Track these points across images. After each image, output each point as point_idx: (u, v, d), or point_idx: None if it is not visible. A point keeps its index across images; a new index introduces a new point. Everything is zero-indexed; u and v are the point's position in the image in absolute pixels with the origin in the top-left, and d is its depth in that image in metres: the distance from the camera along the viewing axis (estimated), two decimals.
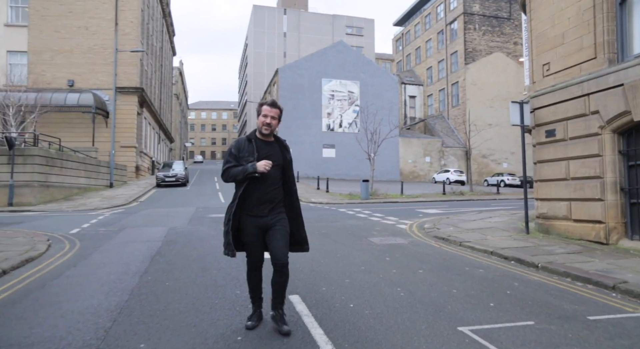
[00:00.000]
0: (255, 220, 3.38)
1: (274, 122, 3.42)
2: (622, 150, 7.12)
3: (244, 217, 3.40)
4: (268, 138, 3.49)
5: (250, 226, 3.38)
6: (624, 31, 7.16)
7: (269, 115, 3.39)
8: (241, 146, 3.44)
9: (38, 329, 3.57)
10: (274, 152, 3.46)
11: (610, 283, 4.88)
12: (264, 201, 3.37)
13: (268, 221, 3.39)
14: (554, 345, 3.26)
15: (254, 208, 3.37)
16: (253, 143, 3.42)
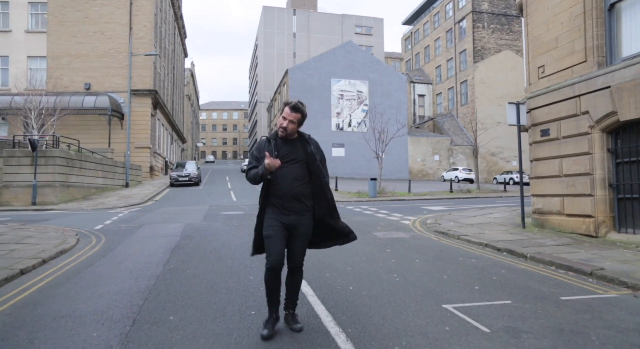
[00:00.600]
0: (280, 216, 3.31)
1: (292, 126, 3.34)
2: (610, 148, 7.54)
3: (268, 210, 3.37)
4: (289, 137, 3.42)
5: (274, 220, 3.31)
6: (612, 36, 7.57)
7: (288, 118, 3.32)
8: (261, 146, 3.40)
9: (82, 305, 4.19)
10: (295, 149, 3.38)
11: (588, 269, 5.35)
12: (289, 198, 3.29)
13: (293, 221, 3.32)
14: (523, 318, 3.77)
15: (281, 204, 3.31)
16: (272, 143, 3.37)
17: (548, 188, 8.69)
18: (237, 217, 12.12)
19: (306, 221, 3.36)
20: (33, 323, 3.70)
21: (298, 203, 3.31)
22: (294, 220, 3.30)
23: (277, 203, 3.32)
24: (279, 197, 3.31)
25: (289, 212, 3.30)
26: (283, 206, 3.30)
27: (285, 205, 3.30)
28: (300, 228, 3.33)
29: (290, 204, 3.29)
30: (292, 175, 3.29)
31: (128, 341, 3.28)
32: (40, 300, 4.40)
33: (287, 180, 3.28)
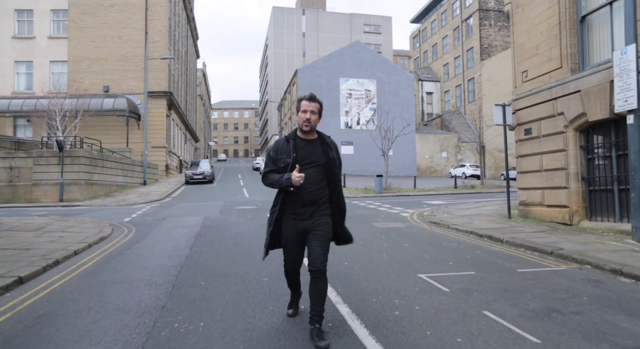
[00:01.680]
0: (296, 223, 3.22)
1: (314, 117, 3.22)
2: (582, 145, 8.42)
3: (285, 220, 3.28)
4: (310, 136, 3.29)
5: (290, 230, 3.25)
6: (584, 45, 8.44)
7: (309, 109, 3.20)
8: (279, 147, 3.28)
9: (131, 274, 5.29)
10: (315, 151, 3.24)
11: (549, 249, 6.30)
12: (306, 202, 3.19)
13: (309, 225, 3.21)
14: (479, 283, 4.75)
15: (296, 210, 3.22)
16: (291, 144, 3.24)
17: (531, 181, 9.60)
18: (250, 211, 13.20)
19: (323, 222, 3.23)
20: (98, 286, 4.80)
21: (312, 207, 3.20)
22: (308, 224, 3.21)
23: (292, 208, 3.23)
24: (293, 203, 3.21)
25: (303, 217, 3.21)
26: (298, 212, 3.21)
27: (299, 210, 3.20)
28: (316, 229, 3.19)
29: (304, 209, 3.20)
30: (310, 179, 3.15)
31: (172, 297, 4.34)
32: (97, 272, 5.51)
33: (304, 185, 3.14)
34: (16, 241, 7.13)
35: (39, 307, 4.09)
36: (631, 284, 4.73)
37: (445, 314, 3.71)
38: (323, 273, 3.11)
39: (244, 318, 3.67)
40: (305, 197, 3.17)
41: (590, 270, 5.39)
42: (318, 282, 3.12)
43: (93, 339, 3.26)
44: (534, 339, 3.18)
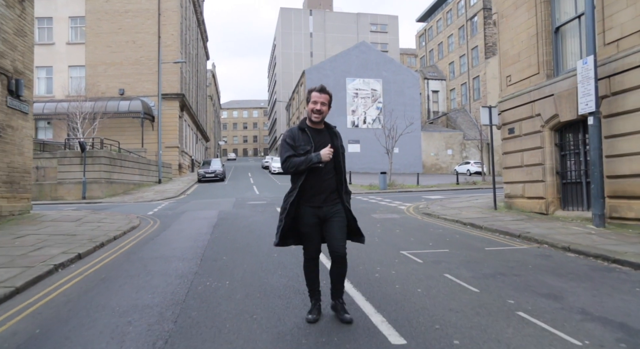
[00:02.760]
0: (313, 210, 3.31)
1: (324, 108, 3.31)
2: (557, 143, 9.41)
3: (302, 208, 3.33)
4: (318, 126, 3.39)
5: (309, 217, 3.32)
6: (558, 53, 9.42)
7: (319, 101, 3.29)
8: (295, 135, 3.35)
9: (165, 252, 6.45)
10: (325, 141, 3.36)
11: (517, 233, 7.34)
12: (320, 190, 3.30)
13: (326, 212, 3.32)
14: (449, 257, 5.82)
15: (312, 197, 3.30)
16: (307, 132, 3.34)
17: (514, 176, 10.61)
18: (260, 205, 14.36)
19: (339, 209, 3.35)
20: (141, 260, 5.97)
21: (325, 195, 3.32)
22: (326, 210, 3.32)
23: (310, 198, 3.32)
24: (309, 190, 3.30)
25: (319, 204, 3.32)
26: (315, 201, 3.31)
27: (314, 198, 3.31)
28: (333, 215, 3.32)
29: (319, 197, 3.31)
30: (324, 168, 3.28)
31: (201, 267, 5.48)
32: (136, 251, 6.69)
33: (319, 173, 3.27)
34: (62, 229, 8.34)
35: (100, 273, 5.26)
36: (574, 257, 5.77)
37: (414, 276, 4.81)
38: (344, 257, 3.30)
39: (259, 279, 4.80)
40: (323, 184, 3.29)
41: (546, 248, 6.44)
42: (339, 266, 3.33)
43: (148, 291, 4.41)
44: (475, 289, 4.25)
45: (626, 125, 7.34)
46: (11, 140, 9.20)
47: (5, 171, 9.01)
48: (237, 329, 3.30)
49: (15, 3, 9.27)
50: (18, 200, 9.57)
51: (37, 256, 5.80)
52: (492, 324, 3.30)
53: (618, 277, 4.74)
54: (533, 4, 9.72)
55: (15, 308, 3.94)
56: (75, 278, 5.02)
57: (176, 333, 3.24)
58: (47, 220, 9.58)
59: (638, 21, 7.11)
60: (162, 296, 4.20)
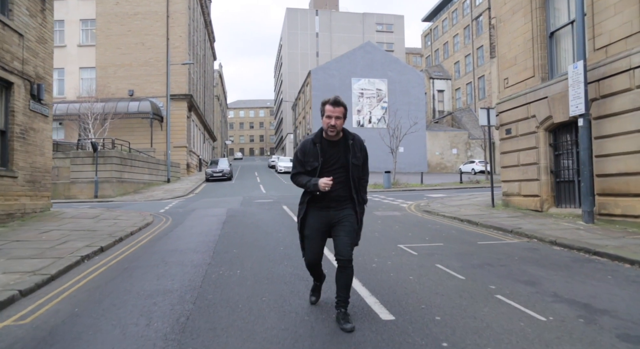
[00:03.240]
0: (321, 213, 3.35)
1: (339, 122, 3.25)
2: (551, 143, 9.81)
3: (310, 209, 3.38)
4: (334, 138, 3.33)
5: (316, 219, 3.35)
6: (552, 57, 9.82)
7: (333, 115, 3.23)
8: (306, 149, 3.35)
9: (179, 246, 6.97)
10: (339, 153, 3.32)
11: (509, 228, 7.77)
12: (330, 199, 3.32)
13: (334, 215, 3.33)
14: (442, 250, 6.28)
15: (324, 203, 3.34)
16: (317, 147, 3.31)
17: (511, 175, 11.02)
18: (267, 203, 14.87)
19: (348, 213, 3.34)
20: (158, 253, 6.49)
21: (337, 203, 3.34)
22: (333, 213, 3.33)
23: (319, 203, 3.35)
24: (319, 200, 3.33)
25: (328, 208, 3.34)
26: (324, 205, 3.34)
27: (325, 205, 3.34)
28: (342, 220, 3.31)
29: (330, 204, 3.34)
30: (336, 180, 3.25)
31: (214, 258, 5.98)
32: (153, 245, 7.21)
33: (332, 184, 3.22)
34: (82, 225, 8.90)
35: (123, 264, 5.78)
36: (558, 250, 6.20)
37: (407, 266, 5.27)
38: (350, 262, 3.24)
39: (267, 268, 5.29)
40: (331, 195, 3.28)
41: (535, 242, 6.87)
42: (345, 271, 3.25)
43: (168, 278, 4.92)
44: (461, 277, 4.71)
45: (613, 126, 7.74)
46: (33, 141, 9.78)
47: (29, 171, 9.59)
48: (249, 308, 3.79)
49: (37, 12, 9.84)
50: (39, 198, 10.15)
51: (64, 249, 6.34)
52: (472, 305, 3.76)
53: (594, 267, 5.17)
54: (529, 10, 10.12)
55: (53, 292, 4.46)
56: (101, 268, 5.54)
57: (196, 312, 3.73)
58: (66, 217, 10.16)
59: (625, 28, 7.50)
60: (180, 283, 4.71)
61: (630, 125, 7.39)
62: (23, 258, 5.63)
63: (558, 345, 2.90)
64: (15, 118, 9.03)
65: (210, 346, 2.99)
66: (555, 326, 3.24)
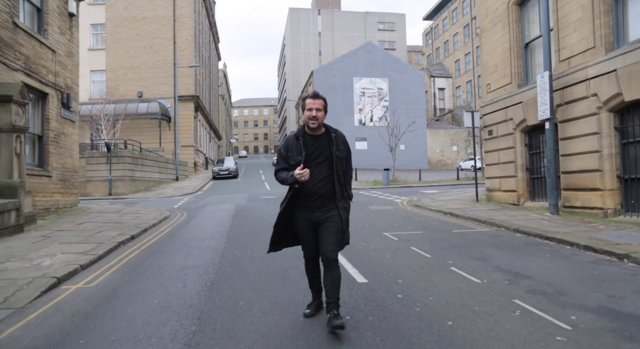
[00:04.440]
0: (306, 213, 3.35)
1: (320, 113, 3.29)
2: (526, 143, 10.90)
3: (296, 210, 3.40)
4: (317, 132, 3.36)
5: (302, 220, 3.37)
6: (527, 66, 10.89)
7: (314, 107, 3.27)
8: (289, 144, 3.38)
9: (197, 235, 8.16)
10: (322, 147, 3.34)
11: (484, 219, 8.90)
12: (317, 196, 3.30)
13: (319, 217, 3.32)
14: (419, 237, 7.42)
15: (305, 201, 3.33)
16: (300, 141, 3.34)
17: (493, 172, 12.12)
18: (272, 200, 16.04)
19: (333, 214, 3.34)
20: (179, 240, 7.67)
21: (322, 200, 3.33)
22: (318, 215, 3.33)
23: (304, 202, 3.35)
24: (305, 196, 3.32)
25: (313, 209, 3.33)
26: (308, 206, 3.33)
27: (310, 204, 3.33)
28: (326, 221, 3.32)
29: (315, 202, 3.32)
30: (320, 175, 3.29)
31: (228, 243, 7.15)
32: (174, 234, 8.41)
33: (315, 180, 3.27)
34: (109, 218, 10.11)
35: (152, 248, 6.98)
36: (519, 236, 7.33)
37: (386, 248, 6.43)
38: (335, 262, 3.27)
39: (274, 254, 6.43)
40: (316, 191, 3.29)
41: (502, 230, 8.00)
42: (331, 271, 3.26)
43: (192, 258, 6.10)
44: (428, 256, 5.86)
45: (574, 129, 8.83)
46: (64, 144, 11.00)
47: (60, 171, 10.81)
48: (258, 277, 4.96)
49: (66, 30, 11.04)
50: (69, 195, 11.38)
51: (102, 236, 7.54)
52: (429, 273, 4.91)
53: (541, 248, 6.30)
54: (507, 23, 11.20)
55: (104, 267, 5.65)
56: (135, 251, 6.73)
57: (218, 279, 4.90)
58: (93, 211, 11.38)
59: (583, 43, 8.58)
60: (203, 261, 5.89)
61: (587, 128, 8.48)
62: (72, 243, 6.84)
63: (481, 295, 4.04)
64: (49, 125, 10.24)
65: (231, 298, 4.16)
66: (485, 285, 4.39)
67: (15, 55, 8.80)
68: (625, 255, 5.36)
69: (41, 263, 5.50)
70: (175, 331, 3.32)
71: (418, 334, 3.14)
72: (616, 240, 6.25)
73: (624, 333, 3.09)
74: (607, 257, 5.56)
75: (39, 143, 10.08)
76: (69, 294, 4.45)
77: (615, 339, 2.98)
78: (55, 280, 4.74)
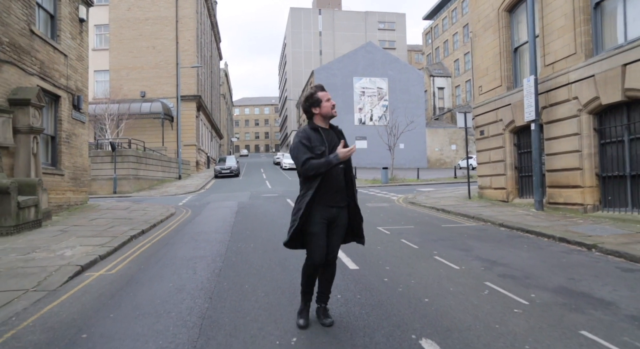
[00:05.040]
0: (326, 209, 3.20)
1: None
2: (515, 143, 11.44)
3: (315, 207, 3.19)
4: (327, 126, 3.35)
5: (319, 217, 3.20)
6: (516, 69, 11.43)
7: (329, 97, 3.31)
8: (310, 136, 3.25)
9: (203, 229, 8.72)
10: (335, 139, 3.32)
11: (472, 215, 9.44)
12: (337, 189, 3.23)
13: (334, 214, 3.25)
14: (410, 231, 7.97)
15: (326, 197, 3.19)
16: (320, 133, 3.26)
17: (484, 170, 12.66)
18: (273, 198, 16.61)
19: (344, 214, 3.32)
20: (187, 234, 8.24)
21: (340, 196, 3.26)
22: (335, 213, 3.25)
23: (324, 197, 3.20)
24: (326, 191, 3.19)
25: (332, 206, 3.22)
26: (328, 201, 3.20)
27: (330, 199, 3.21)
28: (339, 220, 3.29)
29: (335, 197, 3.23)
30: (338, 168, 3.23)
31: (232, 237, 7.70)
32: (181, 229, 8.97)
33: (335, 172, 3.21)
34: (119, 215, 10.68)
35: (163, 241, 7.54)
36: (503, 230, 7.88)
37: (379, 240, 6.98)
38: (335, 261, 3.39)
39: (273, 243, 7.01)
40: (337, 184, 3.21)
41: (488, 225, 8.55)
42: (331, 269, 3.38)
43: (200, 249, 6.65)
44: (416, 247, 6.41)
45: (558, 130, 9.37)
46: (75, 144, 11.56)
47: (72, 169, 11.38)
48: (261, 265, 5.52)
49: (77, 35, 11.59)
50: (80, 192, 11.95)
51: (114, 231, 8.10)
52: (414, 262, 5.47)
53: (521, 241, 6.85)
54: (497, 28, 11.73)
55: (120, 257, 6.21)
56: (147, 244, 7.30)
57: (225, 267, 5.46)
58: (102, 208, 11.95)
59: (565, 50, 9.11)
60: (210, 251, 6.45)
61: (568, 129, 9.01)
62: (88, 237, 7.40)
63: (457, 279, 4.60)
64: (62, 126, 10.80)
65: (237, 282, 4.71)
66: (462, 271, 4.94)
67: (32, 60, 9.35)
68: (593, 245, 5.91)
69: (64, 253, 6.07)
70: (191, 308, 3.88)
71: (398, 309, 3.70)
72: (589, 232, 6.80)
73: (571, 307, 3.64)
74: (578, 247, 6.12)
75: (52, 143, 10.64)
76: (93, 279, 5.01)
77: (562, 311, 3.54)
78: (79, 267, 5.30)
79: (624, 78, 7.57)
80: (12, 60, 8.55)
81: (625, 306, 3.63)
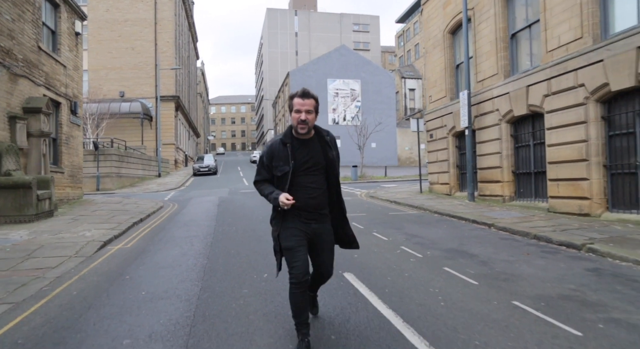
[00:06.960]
0: (301, 224, 2.89)
1: (310, 116, 2.83)
2: (457, 145, 13.53)
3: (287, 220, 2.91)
4: (307, 136, 2.91)
5: (293, 229, 2.88)
6: (458, 82, 13.50)
7: (303, 109, 2.81)
8: (274, 152, 2.91)
9: (191, 218, 10.38)
10: (314, 152, 2.91)
11: (416, 205, 11.44)
12: (312, 209, 2.90)
13: (316, 229, 2.93)
14: (361, 217, 9.86)
15: (303, 218, 2.89)
16: (288, 148, 2.87)
17: (433, 168, 14.73)
18: (250, 193, 18.28)
19: (327, 229, 3.04)
20: (179, 222, 9.89)
21: (319, 212, 2.95)
22: (316, 228, 2.93)
23: (297, 217, 2.89)
24: (297, 209, 2.86)
25: (309, 220, 2.91)
26: (304, 214, 2.90)
27: (307, 216, 2.91)
28: (324, 236, 3.00)
29: (312, 215, 2.92)
30: (313, 185, 2.89)
31: (217, 223, 9.39)
32: (173, 218, 10.61)
33: (307, 191, 2.87)
34: (115, 208, 12.19)
35: (160, 227, 9.19)
36: (435, 216, 9.87)
37: None
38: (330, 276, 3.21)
39: (251, 228, 8.76)
40: (312, 203, 2.89)
41: (426, 213, 10.53)
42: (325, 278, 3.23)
43: (193, 231, 8.34)
44: (361, 227, 8.30)
45: (485, 135, 11.45)
46: (72, 145, 12.98)
47: (70, 168, 12.80)
48: (241, 240, 7.28)
49: (74, 47, 13.01)
50: (76, 188, 13.37)
51: (117, 219, 9.69)
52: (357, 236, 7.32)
53: (444, 223, 8.83)
54: (443, 47, 13.77)
55: (129, 237, 7.85)
56: (147, 229, 8.94)
57: (215, 241, 7.19)
58: (98, 202, 13.41)
59: (490, 70, 11.19)
60: (201, 232, 8.16)
61: (493, 135, 11.10)
62: (97, 223, 8.98)
63: (383, 245, 6.48)
64: (62, 129, 12.23)
65: (225, 249, 6.47)
66: (389, 241, 6.84)
67: (39, 73, 10.79)
68: (492, 224, 7.93)
69: (84, 234, 7.68)
70: (195, 263, 5.62)
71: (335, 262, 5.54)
72: (497, 216, 8.84)
73: (448, 257, 5.58)
74: (482, 226, 8.14)
75: (54, 144, 12.06)
76: (115, 250, 6.68)
77: (441, 260, 5.47)
78: (102, 242, 6.95)
79: (527, 96, 9.66)
80: (25, 74, 10.00)
81: (482, 257, 5.60)
